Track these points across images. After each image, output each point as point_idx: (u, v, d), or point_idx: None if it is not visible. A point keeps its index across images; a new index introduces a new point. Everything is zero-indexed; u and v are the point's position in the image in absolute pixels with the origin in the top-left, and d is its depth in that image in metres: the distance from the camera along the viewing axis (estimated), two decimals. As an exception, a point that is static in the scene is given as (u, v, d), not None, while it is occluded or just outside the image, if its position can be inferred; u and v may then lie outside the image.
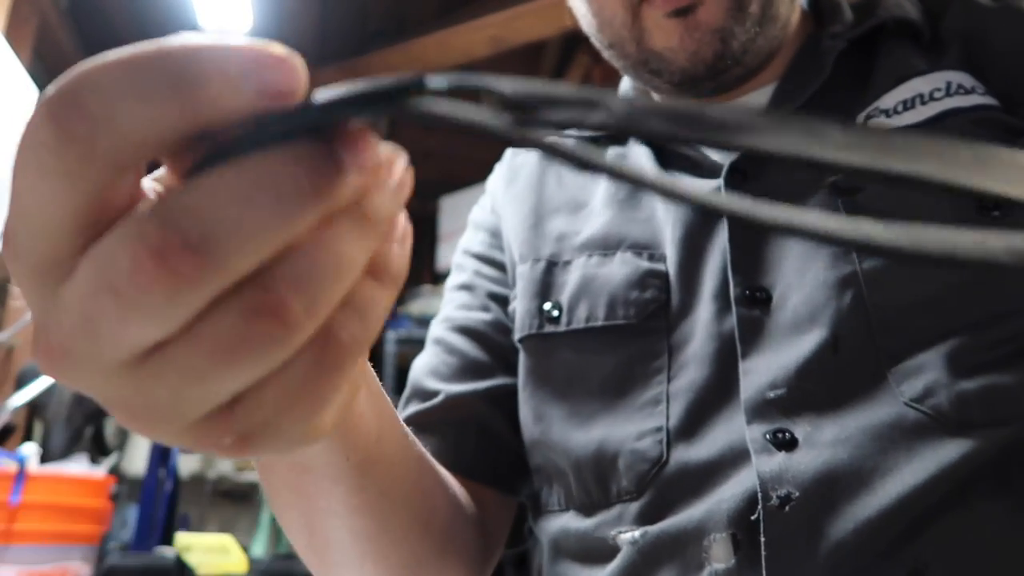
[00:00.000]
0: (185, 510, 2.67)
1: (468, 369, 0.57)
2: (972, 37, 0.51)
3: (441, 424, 0.55)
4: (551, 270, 0.55)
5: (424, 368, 0.59)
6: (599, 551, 0.48)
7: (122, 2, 2.68)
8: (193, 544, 1.89)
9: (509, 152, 0.68)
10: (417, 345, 3.32)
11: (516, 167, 0.66)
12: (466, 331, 0.59)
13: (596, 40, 0.57)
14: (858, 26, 0.54)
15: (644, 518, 0.46)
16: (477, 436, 0.55)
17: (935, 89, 0.48)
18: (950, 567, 0.39)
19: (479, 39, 2.67)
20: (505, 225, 0.62)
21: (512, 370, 0.57)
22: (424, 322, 2.99)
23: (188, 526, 2.67)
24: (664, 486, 0.46)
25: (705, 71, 0.52)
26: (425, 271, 3.73)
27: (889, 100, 0.49)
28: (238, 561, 1.99)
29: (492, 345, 0.58)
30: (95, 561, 1.62)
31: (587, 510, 0.50)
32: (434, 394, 0.56)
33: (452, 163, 3.63)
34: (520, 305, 0.56)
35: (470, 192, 3.29)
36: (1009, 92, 0.48)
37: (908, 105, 0.48)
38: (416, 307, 3.14)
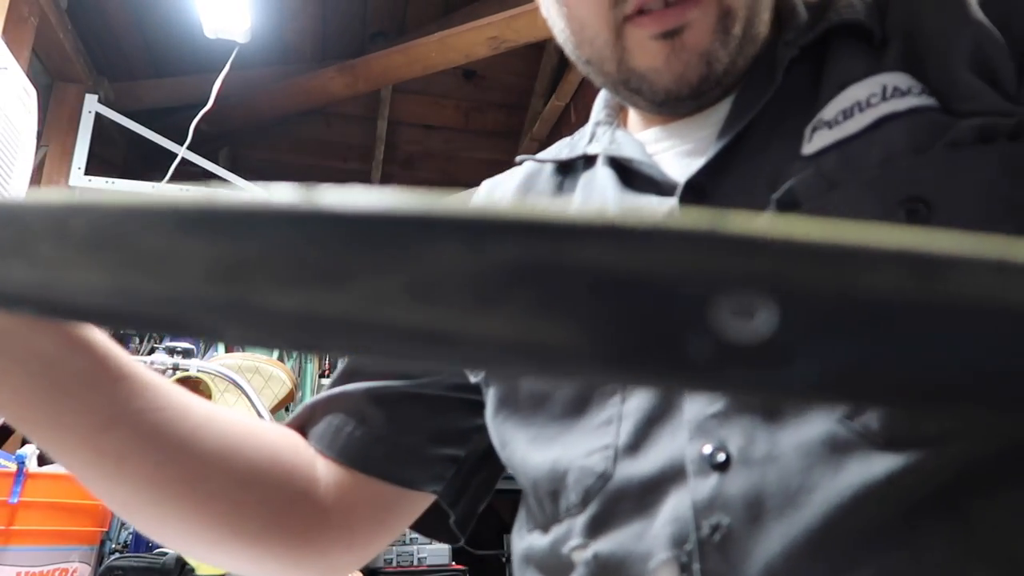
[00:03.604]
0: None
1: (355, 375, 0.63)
2: (910, 31, 0.49)
3: (319, 415, 0.62)
4: None
5: (351, 361, 0.65)
6: (557, 567, 0.49)
7: (122, 2, 2.68)
8: (193, 544, 1.88)
9: (484, 187, 0.69)
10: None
11: (489, 204, 0.66)
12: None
13: (573, 56, 0.57)
14: (810, 31, 0.53)
15: (589, 531, 0.47)
16: (346, 425, 0.61)
17: (871, 95, 0.47)
18: None
19: (479, 39, 2.66)
20: None
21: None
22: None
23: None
24: (607, 500, 0.46)
25: (689, 92, 0.52)
26: (425, 271, 3.73)
27: (830, 110, 0.48)
28: (238, 561, 1.99)
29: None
30: (95, 561, 1.62)
31: (544, 527, 0.51)
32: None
33: (452, 163, 3.63)
34: None
35: (470, 192, 3.27)
36: (942, 84, 0.46)
37: (848, 114, 0.47)
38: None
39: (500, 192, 0.67)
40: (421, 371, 0.62)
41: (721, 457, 0.42)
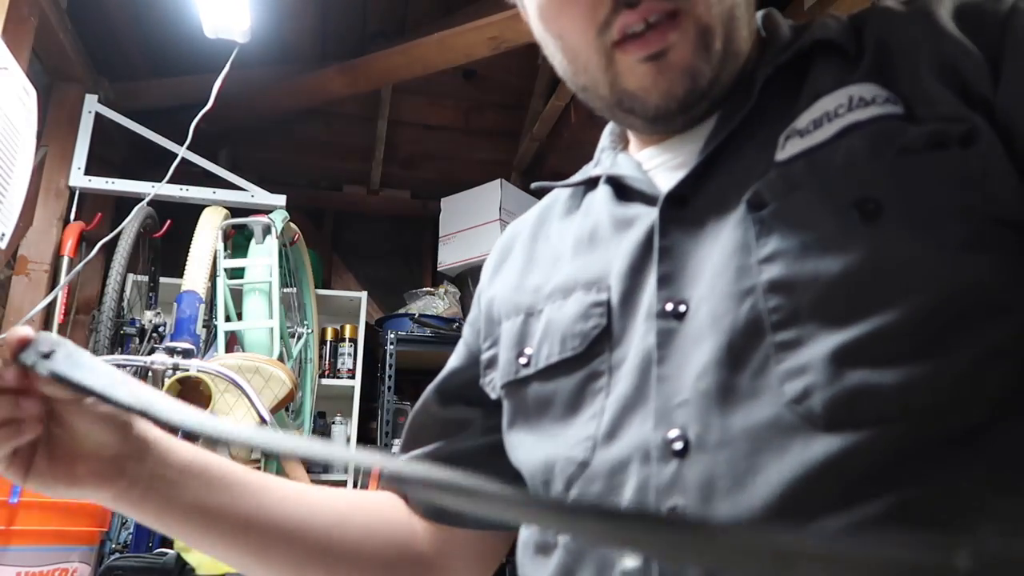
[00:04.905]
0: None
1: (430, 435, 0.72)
2: (885, 44, 0.53)
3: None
4: (528, 321, 0.62)
5: (409, 427, 0.74)
6: (544, 548, 0.55)
7: (122, 2, 2.68)
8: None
9: (507, 231, 0.75)
10: (416, 345, 3.26)
11: (510, 241, 0.73)
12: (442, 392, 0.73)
13: (571, 84, 0.62)
14: (786, 51, 0.57)
15: None
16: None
17: (839, 105, 0.51)
18: None
19: (479, 39, 2.66)
20: (492, 304, 0.69)
21: (466, 427, 0.70)
22: (423, 322, 2.99)
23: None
24: (584, 484, 0.52)
25: (677, 107, 0.56)
26: (425, 272, 3.73)
27: (803, 120, 0.52)
28: (238, 561, 1.98)
29: (458, 406, 0.71)
30: (95, 561, 1.62)
31: None
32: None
33: (452, 163, 3.63)
34: (502, 356, 0.65)
35: (470, 192, 3.28)
36: (910, 91, 0.49)
37: (818, 124, 0.51)
38: (415, 307, 3.13)
39: (515, 231, 0.74)
40: (458, 428, 0.70)
41: (679, 445, 0.46)
